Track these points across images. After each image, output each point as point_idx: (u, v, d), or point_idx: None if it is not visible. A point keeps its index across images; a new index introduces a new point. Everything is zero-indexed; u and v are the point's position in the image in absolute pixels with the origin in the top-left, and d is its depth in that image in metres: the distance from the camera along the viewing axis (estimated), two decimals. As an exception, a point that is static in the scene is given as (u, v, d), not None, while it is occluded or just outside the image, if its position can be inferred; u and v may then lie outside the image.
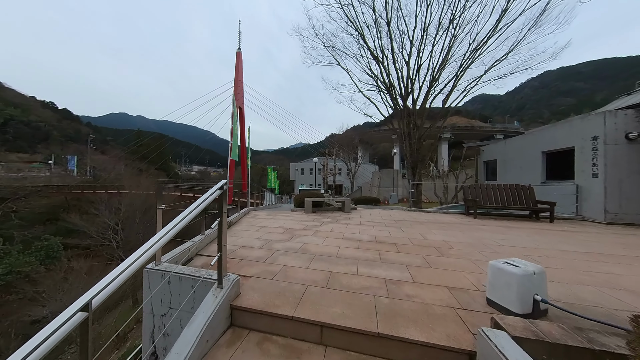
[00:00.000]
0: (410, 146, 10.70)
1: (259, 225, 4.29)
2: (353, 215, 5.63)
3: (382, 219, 5.21)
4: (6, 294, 7.75)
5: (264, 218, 5.05)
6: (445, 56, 9.70)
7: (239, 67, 27.32)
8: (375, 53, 10.30)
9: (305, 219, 5.03)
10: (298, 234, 3.63)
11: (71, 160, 44.45)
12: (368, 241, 3.27)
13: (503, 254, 2.77)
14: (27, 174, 36.36)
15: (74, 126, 78.12)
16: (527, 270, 1.47)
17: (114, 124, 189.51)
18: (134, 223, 17.09)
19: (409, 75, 10.42)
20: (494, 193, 5.61)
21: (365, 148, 50.85)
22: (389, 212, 6.32)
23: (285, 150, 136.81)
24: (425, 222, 4.85)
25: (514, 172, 7.56)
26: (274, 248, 2.88)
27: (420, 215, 5.70)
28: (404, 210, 6.88)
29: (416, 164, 10.63)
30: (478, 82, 9.99)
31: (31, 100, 76.36)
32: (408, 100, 10.67)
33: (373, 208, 8.37)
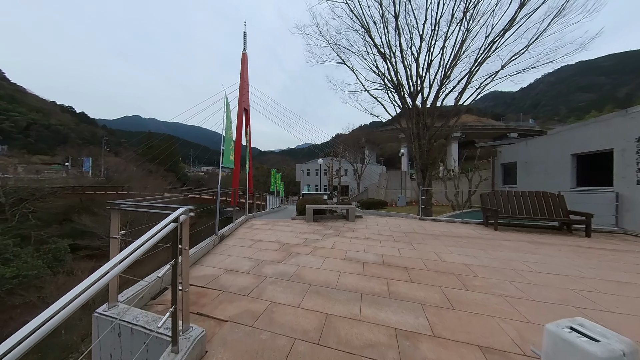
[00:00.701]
0: (419, 147, 10.08)
1: (254, 238, 3.92)
2: (358, 226, 5.16)
3: (390, 230, 4.72)
4: (13, 297, 7.78)
5: (260, 229, 4.69)
6: (457, 51, 9.04)
7: (244, 68, 27.33)
8: (382, 50, 9.77)
9: (305, 230, 4.62)
10: (295, 251, 3.22)
11: (86, 162, 46.19)
12: (374, 263, 2.82)
13: (542, 286, 2.24)
14: (46, 176, 37.97)
15: (90, 129, 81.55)
16: (613, 351, 0.98)
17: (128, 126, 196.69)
18: (140, 225, 17.30)
19: (418, 73, 9.81)
20: (518, 201, 4.99)
21: (372, 148, 50.01)
22: (397, 222, 5.81)
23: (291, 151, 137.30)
24: (439, 235, 4.32)
25: (536, 176, 6.86)
26: (264, 274, 2.48)
27: (432, 226, 5.16)
28: (414, 218, 6.33)
29: (426, 166, 10.00)
30: (494, 78, 9.26)
31: (51, 105, 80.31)
32: (417, 99, 10.07)
33: (380, 214, 7.86)
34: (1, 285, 8.05)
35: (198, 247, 2.94)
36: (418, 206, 9.33)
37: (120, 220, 1.67)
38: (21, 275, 8.58)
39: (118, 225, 1.62)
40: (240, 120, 27.23)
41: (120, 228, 1.66)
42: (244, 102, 27.50)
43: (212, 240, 3.39)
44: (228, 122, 3.82)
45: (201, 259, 2.85)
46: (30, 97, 74.36)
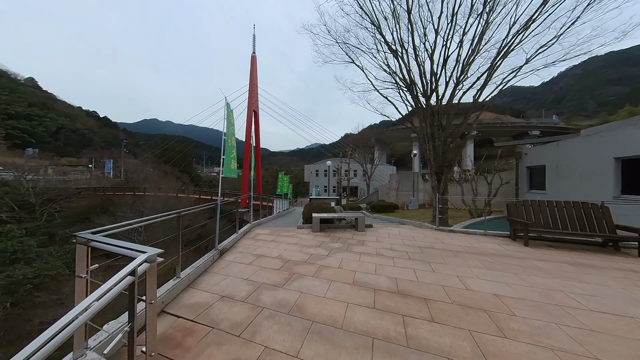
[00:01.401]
0: (434, 149, 9.48)
1: (256, 252, 3.67)
2: (368, 237, 4.78)
3: (403, 244, 4.31)
4: (32, 297, 8.11)
5: (264, 240, 4.45)
6: (476, 46, 8.37)
7: (253, 71, 27.58)
8: (393, 47, 9.27)
9: (311, 242, 4.32)
10: (298, 272, 2.92)
11: (107, 164, 48.83)
12: (387, 291, 2.46)
13: (603, 334, 1.78)
14: (72, 177, 40.48)
15: (112, 132, 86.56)
16: None
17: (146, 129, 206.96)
18: (154, 225, 17.88)
19: (432, 70, 9.22)
20: (552, 212, 4.40)
21: (382, 148, 48.95)
22: (411, 233, 5.36)
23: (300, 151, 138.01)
24: (460, 251, 3.86)
25: (569, 181, 6.12)
26: (261, 302, 2.20)
27: (451, 240, 4.68)
28: (430, 229, 5.84)
29: (442, 169, 9.37)
30: (517, 73, 8.49)
31: (78, 110, 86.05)
32: (432, 98, 9.47)
33: (392, 222, 7.42)
34: (24, 284, 8.46)
35: (194, 267, 2.73)
36: (433, 213, 8.75)
37: (89, 254, 1.44)
38: (42, 275, 8.97)
39: (86, 262, 1.40)
40: (249, 122, 27.51)
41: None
42: (253, 105, 27.76)
43: (211, 256, 3.17)
44: (229, 129, 3.60)
45: (197, 280, 2.63)
46: (59, 103, 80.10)
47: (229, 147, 3.61)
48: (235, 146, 3.89)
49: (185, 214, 2.53)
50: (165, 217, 2.27)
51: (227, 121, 3.56)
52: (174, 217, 2.40)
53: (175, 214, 2.42)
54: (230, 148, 3.64)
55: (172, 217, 2.39)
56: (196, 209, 2.84)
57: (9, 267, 8.66)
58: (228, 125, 3.56)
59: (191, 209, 2.76)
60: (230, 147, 3.66)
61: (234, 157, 3.83)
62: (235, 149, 3.88)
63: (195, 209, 2.86)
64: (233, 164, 3.76)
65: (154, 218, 2.17)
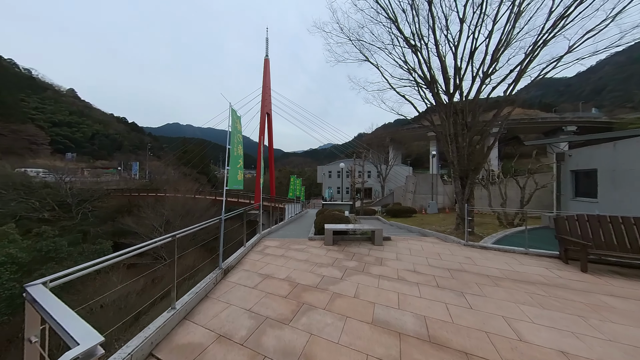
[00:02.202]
0: (457, 151, 8.64)
1: (262, 272, 3.36)
2: (386, 254, 4.28)
3: (428, 263, 3.76)
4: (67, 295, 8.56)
5: (272, 255, 4.14)
6: (507, 36, 7.44)
7: (266, 73, 27.89)
8: (412, 41, 8.60)
9: (322, 259, 3.93)
10: (307, 302, 2.54)
11: (134, 166, 52.41)
12: (415, 337, 2.00)
13: None
14: (104, 179, 43.96)
15: (139, 136, 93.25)
16: None
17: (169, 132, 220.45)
18: (175, 225, 18.65)
19: (456, 65, 8.40)
20: (616, 230, 3.59)
21: (397, 148, 47.21)
22: (435, 248, 4.75)
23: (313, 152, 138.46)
24: (501, 278, 3.24)
25: (630, 190, 5.11)
26: (263, 348, 1.85)
27: (485, 259, 4.02)
28: (457, 244, 5.16)
29: (467, 173, 8.50)
30: (557, 63, 7.41)
31: (110, 117, 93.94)
32: (455, 95, 8.65)
33: (411, 231, 6.80)
34: (54, 283, 9.02)
35: (192, 293, 2.46)
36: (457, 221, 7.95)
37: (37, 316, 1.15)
38: (70, 275, 9.51)
39: (37, 325, 1.11)
40: (262, 124, 27.85)
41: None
42: (266, 107, 28.07)
43: (214, 277, 2.91)
44: (234, 137, 3.33)
45: (195, 310, 2.36)
46: (94, 111, 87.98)
47: (235, 157, 3.34)
48: (242, 155, 3.62)
49: (183, 236, 2.27)
50: (154, 245, 2.00)
51: (232, 129, 3.30)
52: (168, 240, 2.14)
53: (170, 237, 2.16)
54: (235, 158, 3.37)
55: (167, 241, 2.13)
56: (195, 229, 2.58)
57: (43, 267, 9.31)
58: (233, 134, 3.29)
59: (190, 229, 2.50)
60: (236, 157, 3.40)
61: (241, 166, 3.56)
62: (242, 157, 3.61)
63: (194, 228, 2.60)
64: (240, 174, 3.49)
65: (143, 246, 1.90)
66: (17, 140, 50.29)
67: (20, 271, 9.04)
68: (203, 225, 2.75)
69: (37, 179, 29.37)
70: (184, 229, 2.41)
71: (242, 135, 3.83)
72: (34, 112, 62.94)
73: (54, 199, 25.59)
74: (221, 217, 3.17)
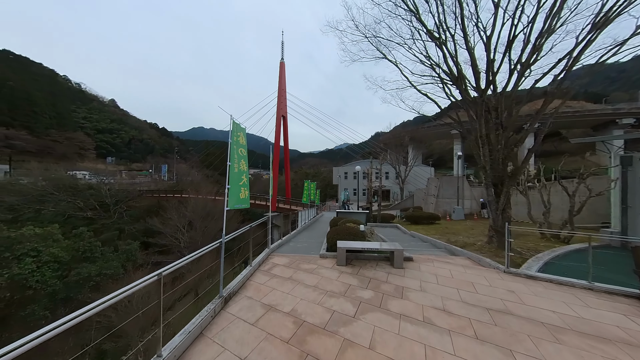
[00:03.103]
0: (490, 154, 7.60)
1: (266, 301, 3.02)
2: (408, 281, 3.70)
3: (460, 298, 3.13)
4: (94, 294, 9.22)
5: (280, 276, 3.81)
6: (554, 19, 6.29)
7: (282, 76, 28.11)
8: (435, 34, 7.77)
9: (334, 286, 3.49)
10: (312, 352, 2.14)
11: (163, 168, 56.66)
12: None
13: None
14: (138, 180, 48.09)
15: (168, 141, 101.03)
16: None
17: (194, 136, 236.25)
18: (196, 226, 19.58)
19: (489, 57, 7.39)
20: None
21: (417, 147, 44.78)
22: (468, 275, 4.02)
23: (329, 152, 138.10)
24: (562, 327, 2.52)
25: None
26: None
27: (535, 295, 3.25)
28: (494, 269, 4.34)
29: (502, 180, 7.43)
30: (619, 49, 6.08)
31: (144, 123, 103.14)
32: (487, 91, 7.62)
33: (437, 249, 6.05)
34: (88, 282, 9.79)
35: (185, 333, 2.20)
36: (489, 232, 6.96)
37: None
38: (102, 274, 10.26)
39: None
40: (278, 127, 28.14)
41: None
42: (282, 110, 28.31)
43: (212, 309, 2.64)
44: (235, 153, 3.05)
45: (185, 355, 2.09)
46: (131, 118, 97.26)
47: (236, 174, 3.06)
48: (246, 171, 3.34)
49: (168, 273, 2.01)
50: (136, 288, 1.74)
51: (233, 144, 3.02)
52: (153, 280, 1.89)
53: (156, 276, 1.90)
54: (237, 175, 3.09)
55: (152, 280, 1.87)
56: (186, 261, 2.32)
57: (78, 266, 10.16)
58: (234, 149, 3.01)
59: (180, 262, 2.24)
60: (238, 174, 3.12)
61: (245, 183, 3.28)
62: (246, 173, 3.33)
63: (185, 261, 2.34)
64: (243, 192, 3.21)
65: (122, 292, 1.65)
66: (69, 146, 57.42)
67: (61, 269, 9.91)
68: (197, 255, 2.49)
69: (83, 181, 32.86)
70: (172, 263, 2.15)
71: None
72: (83, 121, 71.37)
73: (96, 199, 28.37)
74: (221, 240, 2.91)
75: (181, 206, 21.17)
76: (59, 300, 9.18)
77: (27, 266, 8.91)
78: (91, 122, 73.04)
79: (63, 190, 26.99)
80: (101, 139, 70.71)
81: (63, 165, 41.23)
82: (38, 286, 8.76)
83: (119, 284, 9.37)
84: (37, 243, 10.04)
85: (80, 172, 40.93)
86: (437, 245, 6.61)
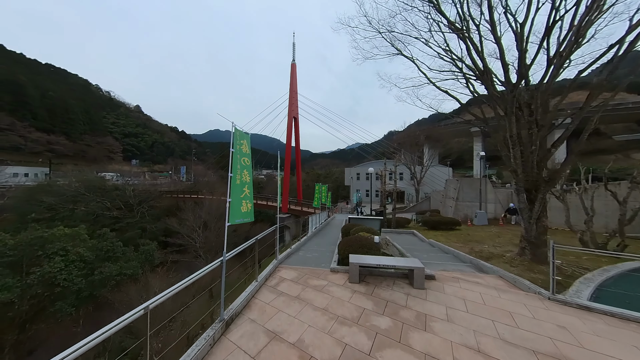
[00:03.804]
0: (522, 156, 6.77)
1: (270, 327, 2.73)
2: (431, 307, 3.23)
3: (498, 334, 2.61)
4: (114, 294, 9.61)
5: (287, 294, 3.52)
6: None
7: (293, 78, 28.10)
8: (458, 25, 7.09)
9: (345, 311, 3.12)
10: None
11: (182, 169, 59.45)
12: None
13: None
14: (159, 181, 50.79)
15: (187, 143, 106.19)
16: None
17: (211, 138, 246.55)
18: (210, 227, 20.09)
19: (521, 47, 6.58)
20: None
21: (433, 146, 42.73)
22: (505, 304, 3.42)
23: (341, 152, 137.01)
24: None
25: None
26: None
27: (594, 334, 2.63)
28: (534, 294, 3.68)
29: (537, 185, 6.58)
30: None
31: (165, 127, 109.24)
32: (519, 85, 6.79)
33: (463, 264, 5.44)
34: (109, 281, 10.25)
35: None
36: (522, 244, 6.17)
37: None
38: (122, 274, 10.70)
39: None
40: (290, 128, 28.17)
41: None
42: (293, 111, 28.31)
43: (212, 336, 2.40)
44: (238, 163, 2.80)
45: None
46: (154, 122, 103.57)
47: (238, 186, 2.81)
48: (248, 182, 3.08)
49: (156, 305, 1.77)
50: (122, 325, 1.50)
51: (236, 154, 2.77)
52: (140, 315, 1.65)
53: (142, 310, 1.67)
54: (239, 187, 2.83)
55: (138, 315, 1.64)
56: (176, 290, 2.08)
57: (101, 265, 10.69)
58: (236, 158, 2.76)
59: (169, 292, 2.00)
60: (240, 185, 2.86)
61: (247, 195, 3.02)
62: (248, 184, 3.07)
63: (176, 289, 2.10)
64: (245, 205, 2.95)
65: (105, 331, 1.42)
66: (100, 149, 62.34)
67: (86, 268, 10.46)
68: (191, 281, 2.24)
69: (110, 182, 35.21)
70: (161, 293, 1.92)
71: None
72: (111, 126, 77.15)
73: (121, 199, 30.20)
74: (222, 258, 2.67)
75: (197, 207, 21.83)
76: (83, 297, 9.68)
77: (57, 264, 9.49)
78: (118, 127, 78.76)
79: (93, 191, 29.06)
80: (127, 142, 75.92)
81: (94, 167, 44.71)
82: (65, 284, 9.29)
83: (137, 284, 9.66)
84: (66, 242, 10.69)
85: (108, 174, 44.06)
86: (461, 258, 5.97)
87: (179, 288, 2.05)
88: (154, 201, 32.90)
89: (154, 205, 32.33)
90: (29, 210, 23.82)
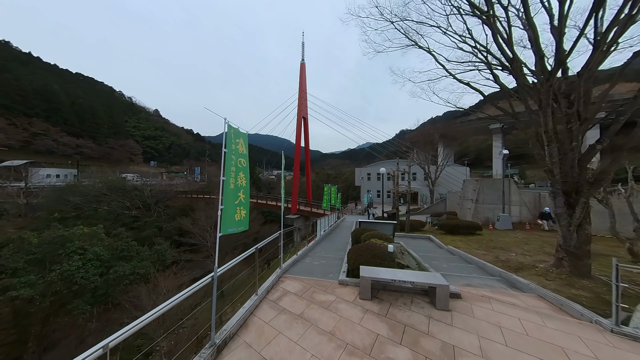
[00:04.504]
0: (560, 155, 5.91)
1: (267, 355, 2.35)
2: (459, 335, 2.68)
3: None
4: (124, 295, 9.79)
5: (290, 311, 3.13)
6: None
7: (302, 77, 27.88)
8: (484, 7, 6.37)
9: (355, 336, 2.67)
10: None
11: (197, 170, 61.48)
12: None
13: None
14: (175, 182, 52.78)
15: (201, 145, 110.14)
16: None
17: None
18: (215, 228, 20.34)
19: (559, 29, 5.73)
20: None
21: (449, 145, 40.69)
22: (552, 334, 2.78)
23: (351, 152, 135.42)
24: None
25: None
26: None
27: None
28: (592, 323, 3.00)
29: (579, 188, 5.70)
30: None
31: (181, 129, 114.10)
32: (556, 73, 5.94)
33: (490, 278, 4.78)
34: (123, 280, 10.49)
35: None
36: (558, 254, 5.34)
37: None
38: (135, 273, 10.92)
39: None
40: (299, 128, 27.98)
41: None
42: (302, 111, 28.09)
43: (199, 366, 2.07)
44: (231, 165, 2.46)
45: None
46: (171, 125, 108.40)
47: (232, 192, 2.46)
48: (245, 186, 2.73)
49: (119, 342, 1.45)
50: None
51: (230, 154, 2.43)
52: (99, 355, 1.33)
53: (101, 349, 1.35)
54: (233, 192, 2.48)
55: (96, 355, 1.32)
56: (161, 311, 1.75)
57: (116, 264, 10.98)
58: (229, 159, 2.42)
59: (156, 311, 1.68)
60: (234, 190, 2.51)
61: (242, 202, 2.67)
62: (244, 189, 2.72)
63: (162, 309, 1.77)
64: (240, 212, 2.59)
65: None
66: (123, 152, 66.21)
67: (102, 267, 10.77)
68: (177, 301, 1.91)
69: (131, 183, 37.03)
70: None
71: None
72: (133, 129, 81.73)
73: (140, 199, 31.58)
74: (213, 274, 2.33)
75: (208, 207, 22.22)
76: (98, 295, 9.96)
77: (75, 263, 9.83)
78: (139, 130, 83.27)
79: (114, 191, 30.63)
80: (147, 144, 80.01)
81: (117, 169, 47.40)
82: (82, 282, 9.59)
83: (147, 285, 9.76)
84: (85, 242, 11.09)
85: (129, 175, 46.45)
86: (488, 270, 5.27)
87: (146, 321, 1.68)
88: (169, 201, 34.13)
89: (170, 205, 33.52)
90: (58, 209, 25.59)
